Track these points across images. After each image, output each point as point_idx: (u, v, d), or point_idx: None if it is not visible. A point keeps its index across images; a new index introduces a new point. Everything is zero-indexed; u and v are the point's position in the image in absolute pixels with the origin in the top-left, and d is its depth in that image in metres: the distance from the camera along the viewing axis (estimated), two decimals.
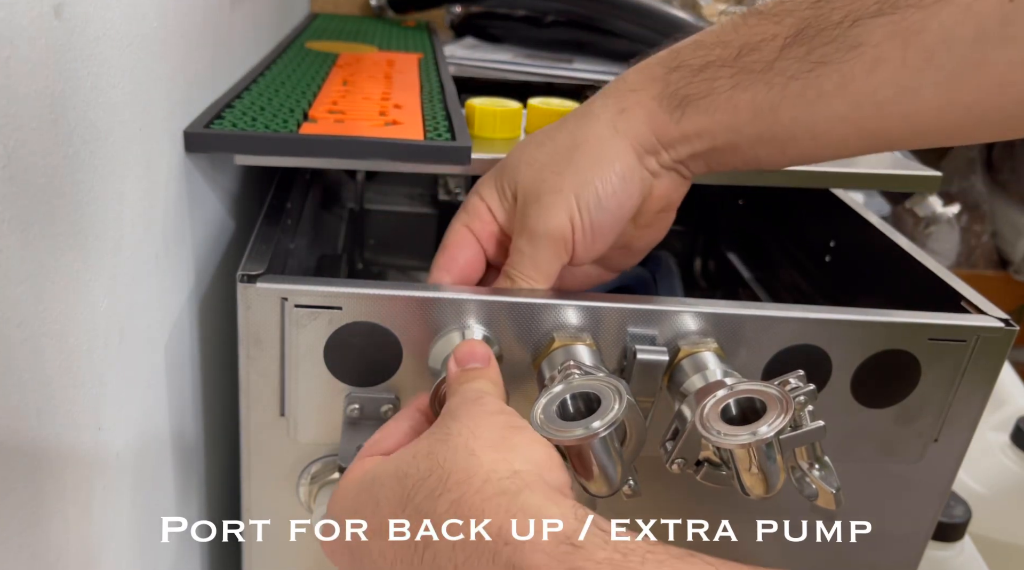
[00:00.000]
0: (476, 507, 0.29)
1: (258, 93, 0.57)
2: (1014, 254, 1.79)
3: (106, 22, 0.35)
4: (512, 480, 0.30)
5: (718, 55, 0.38)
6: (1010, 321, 0.48)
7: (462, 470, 0.30)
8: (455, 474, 0.30)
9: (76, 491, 0.35)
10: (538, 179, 0.41)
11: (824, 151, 0.40)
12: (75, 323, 0.34)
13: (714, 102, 0.39)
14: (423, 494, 0.31)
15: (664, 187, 0.44)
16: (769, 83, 0.37)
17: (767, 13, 0.37)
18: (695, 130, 0.41)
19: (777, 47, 0.37)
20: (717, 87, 0.39)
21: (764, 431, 0.37)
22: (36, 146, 0.29)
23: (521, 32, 0.97)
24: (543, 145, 0.42)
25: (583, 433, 0.35)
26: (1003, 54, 0.33)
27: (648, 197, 0.44)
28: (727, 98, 0.39)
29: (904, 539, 0.54)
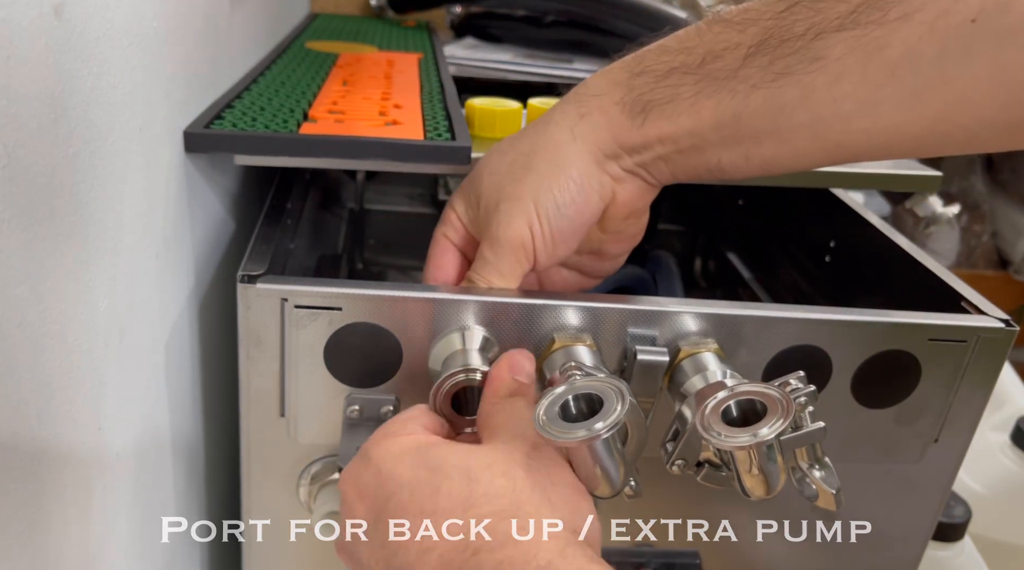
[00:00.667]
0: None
1: (258, 93, 0.57)
2: (1014, 254, 1.79)
3: (106, 22, 0.35)
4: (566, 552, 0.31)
5: (682, 61, 0.39)
6: (1010, 321, 0.48)
7: (533, 513, 0.32)
8: (524, 513, 0.32)
9: (76, 491, 0.35)
10: (498, 187, 0.42)
11: (787, 161, 0.40)
12: (75, 323, 0.34)
13: (677, 107, 0.39)
14: (488, 510, 0.32)
15: (627, 193, 0.44)
16: (732, 91, 0.38)
17: (731, 21, 0.37)
18: (657, 135, 0.41)
19: (740, 56, 0.37)
20: (681, 93, 0.39)
21: (765, 432, 0.37)
22: (36, 146, 0.29)
23: (521, 32, 0.97)
24: (505, 154, 0.42)
25: (586, 434, 0.35)
26: (966, 71, 0.33)
27: (611, 203, 0.44)
28: (690, 104, 0.39)
29: (904, 539, 0.54)
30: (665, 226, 0.88)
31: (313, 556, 0.52)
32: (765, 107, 0.37)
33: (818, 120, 0.37)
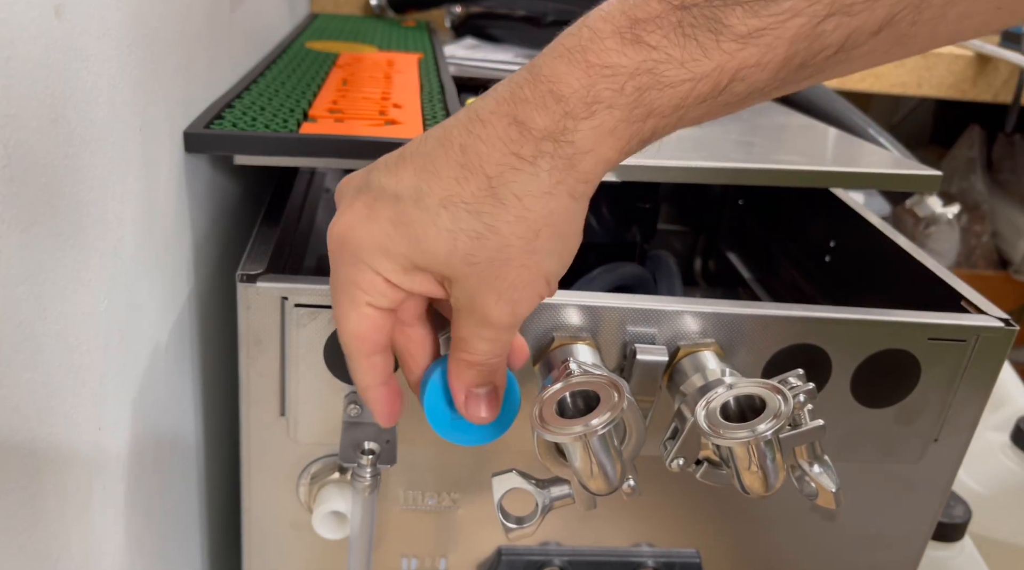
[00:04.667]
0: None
1: (258, 93, 0.57)
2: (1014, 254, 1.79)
3: (106, 22, 0.35)
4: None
5: (696, 93, 0.32)
6: (1010, 321, 0.48)
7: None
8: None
9: (76, 491, 0.35)
10: (494, 278, 0.33)
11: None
12: (75, 323, 0.34)
13: (681, 125, 0.34)
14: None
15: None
16: (745, 103, 0.34)
17: (745, 35, 0.31)
18: (643, 147, 0.35)
19: (767, 78, 0.32)
20: (688, 118, 0.33)
21: (763, 429, 0.37)
22: (36, 146, 0.29)
23: (521, 32, 0.97)
24: (483, 238, 0.32)
25: (582, 431, 0.35)
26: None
27: None
28: (695, 120, 0.34)
29: (904, 539, 0.54)
30: (665, 226, 0.88)
31: (313, 556, 0.52)
32: (773, 95, 0.34)
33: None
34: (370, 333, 0.35)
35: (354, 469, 0.46)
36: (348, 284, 0.34)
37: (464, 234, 0.32)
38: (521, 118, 0.32)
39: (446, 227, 0.32)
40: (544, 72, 0.32)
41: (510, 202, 0.32)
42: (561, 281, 0.36)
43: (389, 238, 0.33)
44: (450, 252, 0.33)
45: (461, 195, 0.32)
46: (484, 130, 0.33)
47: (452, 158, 0.33)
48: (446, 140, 0.33)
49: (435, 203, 0.32)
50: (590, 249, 0.73)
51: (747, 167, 0.55)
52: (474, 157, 0.32)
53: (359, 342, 0.35)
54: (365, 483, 0.46)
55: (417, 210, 0.33)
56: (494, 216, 0.32)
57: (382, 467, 0.46)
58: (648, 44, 0.31)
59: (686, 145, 0.57)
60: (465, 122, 0.33)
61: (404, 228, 0.33)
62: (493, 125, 0.32)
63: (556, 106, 0.32)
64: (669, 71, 0.31)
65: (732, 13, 0.30)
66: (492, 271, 0.33)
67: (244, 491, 0.49)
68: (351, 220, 0.34)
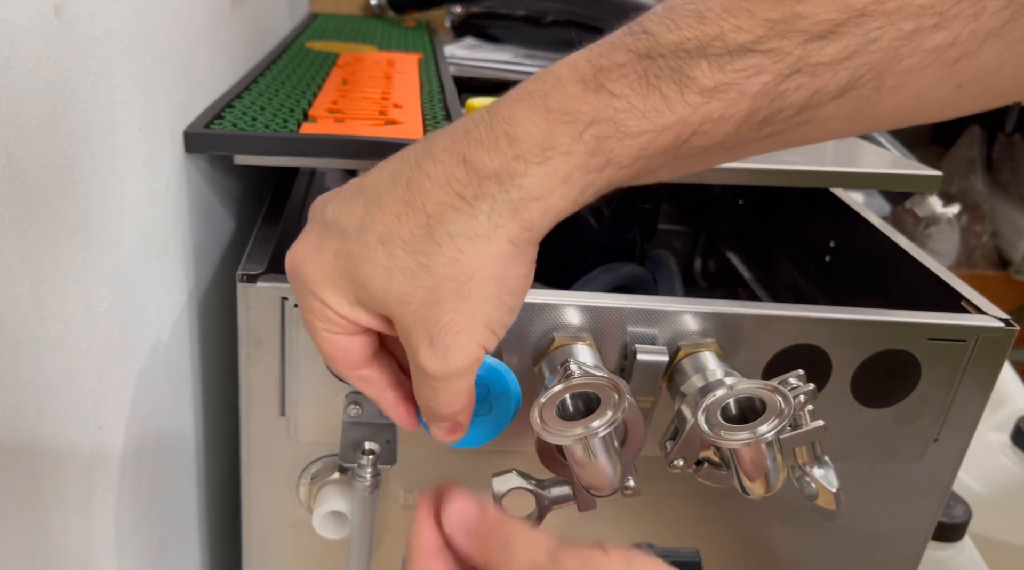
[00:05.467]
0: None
1: (258, 93, 0.57)
2: (1014, 254, 1.79)
3: (106, 22, 0.35)
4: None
5: (656, 144, 0.31)
6: (1010, 321, 0.48)
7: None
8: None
9: (76, 491, 0.35)
10: (426, 319, 0.32)
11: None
12: (75, 323, 0.34)
13: (638, 179, 0.34)
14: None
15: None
16: (705, 156, 0.33)
17: (710, 89, 0.30)
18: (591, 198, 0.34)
19: (728, 131, 0.31)
20: (647, 169, 0.33)
21: (764, 430, 0.37)
22: (36, 146, 0.29)
23: (521, 32, 0.97)
24: (416, 277, 0.32)
25: (583, 432, 0.35)
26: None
27: None
28: (653, 174, 0.34)
29: (904, 539, 0.54)
30: (665, 226, 0.88)
31: (313, 556, 0.52)
32: (735, 156, 0.34)
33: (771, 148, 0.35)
34: (339, 355, 0.35)
35: (354, 469, 0.46)
36: (305, 312, 0.35)
37: (399, 272, 0.32)
38: (470, 158, 0.31)
39: (382, 264, 0.32)
40: (501, 113, 0.31)
41: (444, 243, 0.31)
42: (561, 281, 0.36)
43: (333, 270, 0.33)
44: (386, 290, 0.32)
45: (399, 232, 0.32)
46: (433, 167, 0.32)
47: (398, 194, 0.32)
48: (398, 174, 0.33)
49: (374, 239, 0.32)
50: (590, 249, 0.73)
51: (747, 167, 0.55)
52: (417, 193, 0.32)
53: (336, 364, 0.36)
54: (365, 483, 0.46)
55: (358, 245, 0.32)
56: (428, 256, 0.32)
57: (382, 467, 0.46)
58: (611, 92, 0.30)
59: None
60: (418, 158, 0.32)
61: (346, 262, 0.33)
62: (443, 163, 0.32)
63: (509, 149, 0.31)
64: (631, 121, 0.30)
65: (697, 66, 0.30)
66: (424, 313, 0.32)
67: (244, 491, 0.49)
68: (302, 251, 0.34)
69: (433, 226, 0.31)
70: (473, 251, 0.31)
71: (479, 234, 0.31)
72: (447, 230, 0.31)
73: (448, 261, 0.32)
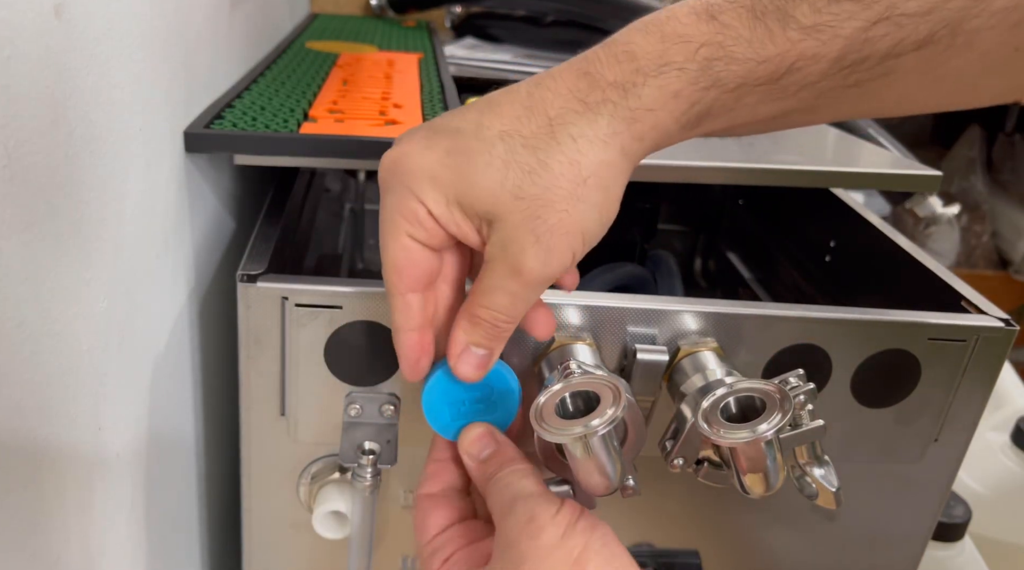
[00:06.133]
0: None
1: (258, 93, 0.57)
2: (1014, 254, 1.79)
3: (106, 22, 0.35)
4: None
5: (754, 74, 0.34)
6: (1010, 321, 0.48)
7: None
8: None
9: (76, 491, 0.35)
10: (536, 217, 0.34)
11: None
12: (75, 323, 0.34)
13: (735, 113, 0.36)
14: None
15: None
16: (797, 98, 0.35)
17: (808, 28, 0.33)
18: (697, 134, 0.37)
19: (820, 71, 0.34)
20: (744, 102, 0.35)
21: (764, 429, 0.37)
22: (36, 146, 0.29)
23: (521, 32, 0.97)
24: (534, 173, 0.33)
25: (582, 431, 0.35)
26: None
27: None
28: (749, 110, 0.36)
29: (904, 539, 0.54)
30: (665, 226, 0.88)
31: (313, 556, 0.52)
32: (815, 108, 0.36)
33: (855, 111, 0.38)
34: (407, 267, 0.36)
35: (354, 469, 0.46)
36: (392, 212, 0.35)
37: (517, 166, 0.33)
38: (591, 72, 0.34)
39: (500, 157, 0.33)
40: (620, 39, 0.34)
41: (565, 143, 0.33)
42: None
43: (441, 165, 0.34)
44: (500, 182, 0.33)
45: (520, 130, 0.33)
46: (553, 82, 0.34)
47: (517, 101, 0.34)
48: (513, 90, 0.35)
49: (493, 134, 0.34)
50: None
51: (747, 167, 0.55)
52: (539, 101, 0.34)
53: (396, 276, 0.36)
54: (365, 483, 0.46)
55: (475, 141, 0.34)
56: (549, 154, 0.33)
57: (382, 467, 0.46)
58: (721, 22, 0.33)
59: (686, 145, 0.57)
60: (535, 80, 0.35)
61: (458, 157, 0.34)
62: (563, 78, 0.34)
63: (628, 63, 0.33)
64: (737, 47, 0.33)
65: (799, 7, 0.33)
66: (535, 210, 0.33)
67: (244, 491, 0.49)
68: (408, 148, 0.35)
69: (556, 127, 0.33)
70: (592, 154, 0.34)
71: (598, 138, 0.34)
72: (569, 132, 0.33)
73: (567, 161, 0.33)
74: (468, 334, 0.36)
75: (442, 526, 0.38)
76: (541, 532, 0.34)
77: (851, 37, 0.33)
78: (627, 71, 0.33)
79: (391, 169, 0.35)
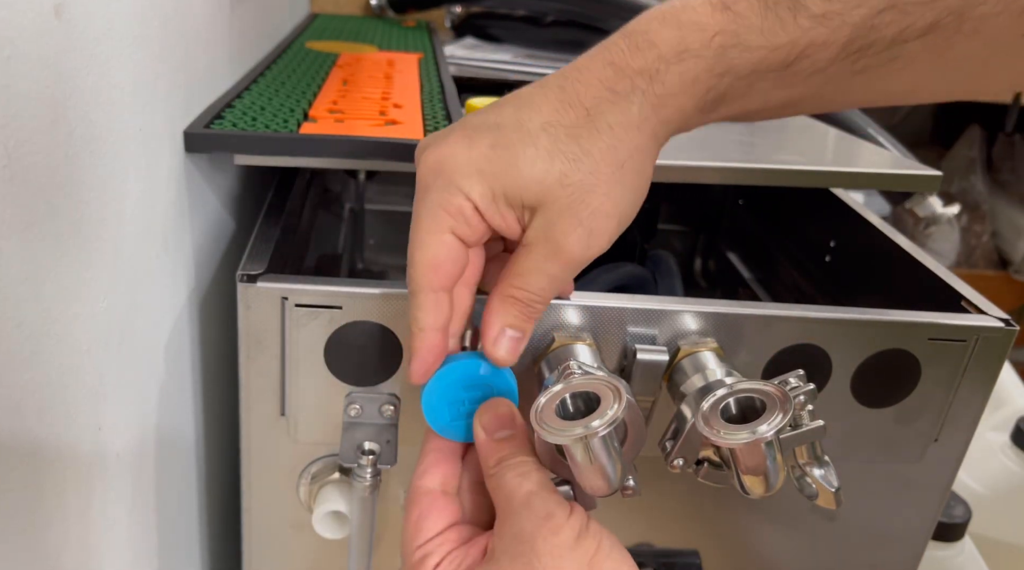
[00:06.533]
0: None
1: (258, 93, 0.57)
2: (1014, 254, 1.79)
3: (106, 22, 0.35)
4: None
5: (767, 61, 0.36)
6: (1010, 321, 0.48)
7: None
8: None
9: (76, 491, 0.35)
10: (580, 202, 0.36)
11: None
12: (75, 323, 0.34)
13: (749, 98, 0.37)
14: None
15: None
16: (807, 84, 0.37)
17: (819, 16, 0.34)
18: (716, 118, 0.39)
19: (829, 57, 0.35)
20: (757, 88, 0.37)
21: (764, 430, 0.37)
22: (36, 146, 0.29)
23: (521, 32, 0.97)
24: (578, 160, 0.35)
25: (583, 432, 0.35)
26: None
27: None
28: (762, 95, 0.37)
29: (904, 539, 0.54)
30: (665, 226, 0.88)
31: (313, 556, 0.52)
32: (825, 92, 0.38)
33: (867, 99, 0.39)
34: (445, 262, 0.36)
35: (354, 469, 0.46)
36: (435, 208, 0.36)
37: (562, 154, 0.35)
38: (617, 62, 0.35)
39: (545, 147, 0.35)
40: (638, 29, 0.36)
41: (604, 131, 0.35)
42: None
43: (486, 160, 0.35)
44: (546, 171, 0.35)
45: (561, 121, 0.35)
46: (581, 75, 0.36)
47: (551, 95, 0.36)
48: (544, 85, 0.36)
49: (536, 127, 0.35)
50: None
51: (747, 167, 0.55)
52: (572, 94, 0.36)
53: (432, 272, 0.36)
54: (365, 483, 0.46)
55: (518, 134, 0.35)
56: (591, 141, 0.35)
57: (382, 467, 0.46)
58: (735, 11, 0.35)
59: (686, 145, 0.57)
60: (561, 72, 0.36)
61: (503, 150, 0.35)
62: (590, 69, 0.36)
63: (650, 51, 0.35)
64: (750, 35, 0.35)
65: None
66: (579, 196, 0.35)
67: (244, 491, 0.49)
68: (448, 149, 0.36)
69: (593, 116, 0.35)
70: (628, 139, 0.36)
71: (632, 124, 0.36)
72: (607, 120, 0.35)
73: (607, 147, 0.36)
74: (503, 317, 0.37)
75: (439, 529, 0.38)
76: (560, 530, 0.34)
77: (858, 24, 0.34)
78: (650, 59, 0.35)
79: (435, 169, 0.36)
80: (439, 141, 0.37)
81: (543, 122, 0.35)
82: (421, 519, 0.38)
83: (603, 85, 0.35)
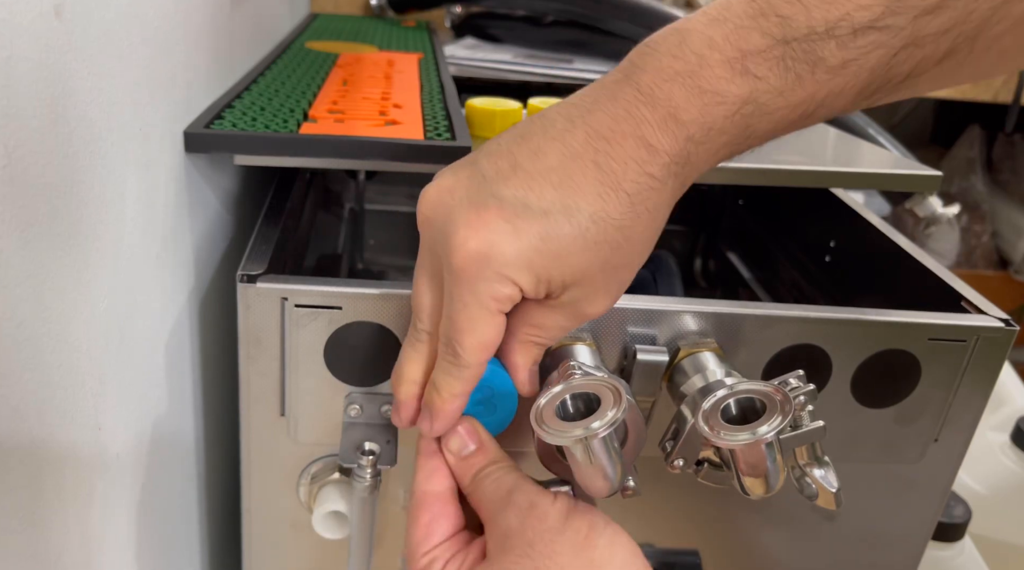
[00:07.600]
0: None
1: (258, 93, 0.57)
2: (1014, 254, 1.79)
3: (106, 22, 0.35)
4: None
5: (787, 119, 0.35)
6: (1010, 321, 0.48)
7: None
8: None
9: (76, 491, 0.35)
10: (614, 280, 0.37)
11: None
12: (75, 323, 0.34)
13: (763, 144, 0.38)
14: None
15: None
16: (814, 119, 0.36)
17: (835, 67, 0.33)
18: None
19: (845, 103, 0.35)
20: (769, 137, 0.37)
21: (764, 431, 0.37)
22: (36, 146, 0.29)
23: (521, 32, 0.97)
24: (620, 249, 0.35)
25: (583, 433, 0.35)
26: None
27: None
28: (771, 137, 0.37)
29: (904, 539, 0.54)
30: (665, 226, 0.88)
31: (313, 556, 0.52)
32: (836, 114, 0.37)
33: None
34: (494, 336, 0.37)
35: (354, 469, 0.46)
36: (487, 298, 0.35)
37: (608, 245, 0.35)
38: (649, 140, 0.34)
39: (593, 239, 0.35)
40: (660, 96, 0.34)
41: (643, 215, 0.35)
42: None
43: (536, 252, 0.35)
44: (591, 262, 0.35)
45: (609, 211, 0.34)
46: (612, 149, 0.34)
47: (590, 175, 0.35)
48: (576, 156, 0.35)
49: (585, 218, 0.34)
50: None
51: (747, 167, 0.55)
52: (610, 174, 0.34)
53: (485, 352, 0.37)
54: (365, 483, 0.46)
55: (569, 225, 0.34)
56: (632, 228, 0.35)
57: (382, 467, 0.46)
58: (755, 75, 0.33)
59: None
60: (585, 138, 0.35)
61: (553, 243, 0.35)
62: (621, 145, 0.34)
63: (678, 130, 0.34)
64: (770, 100, 0.34)
65: (826, 46, 0.33)
66: (614, 275, 0.36)
67: (244, 491, 0.49)
68: (492, 237, 0.35)
69: (636, 204, 0.35)
70: (662, 218, 0.36)
71: (666, 203, 0.36)
72: (646, 206, 0.35)
73: (644, 228, 0.36)
74: (526, 359, 0.39)
75: (448, 534, 0.38)
76: (546, 516, 0.35)
77: (875, 67, 0.33)
78: (680, 139, 0.34)
79: (481, 262, 0.35)
80: (470, 223, 0.35)
81: (591, 213, 0.34)
82: (432, 523, 0.38)
83: (640, 167, 0.34)
